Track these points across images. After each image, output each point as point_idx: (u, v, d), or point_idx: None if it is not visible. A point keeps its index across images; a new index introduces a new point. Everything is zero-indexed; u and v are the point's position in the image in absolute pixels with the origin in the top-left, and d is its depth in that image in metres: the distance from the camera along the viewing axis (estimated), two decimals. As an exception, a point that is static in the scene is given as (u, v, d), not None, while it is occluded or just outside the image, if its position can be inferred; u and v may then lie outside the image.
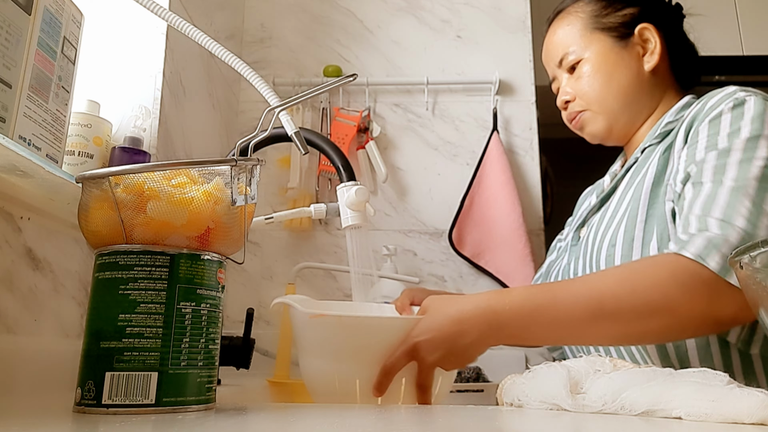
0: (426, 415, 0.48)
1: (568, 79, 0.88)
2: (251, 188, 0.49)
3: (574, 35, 0.87)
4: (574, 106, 0.87)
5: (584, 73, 0.85)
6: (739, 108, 0.69)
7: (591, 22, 0.86)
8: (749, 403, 0.38)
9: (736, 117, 0.68)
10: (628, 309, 0.60)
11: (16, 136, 0.61)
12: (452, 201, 1.47)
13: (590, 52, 0.85)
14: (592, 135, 0.88)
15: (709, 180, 0.65)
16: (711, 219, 0.62)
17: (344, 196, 0.78)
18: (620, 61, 0.84)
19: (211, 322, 0.46)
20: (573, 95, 0.87)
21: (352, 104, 1.56)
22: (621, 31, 0.85)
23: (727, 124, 0.68)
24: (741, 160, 0.64)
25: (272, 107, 0.57)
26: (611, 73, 0.84)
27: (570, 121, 0.89)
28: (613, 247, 0.74)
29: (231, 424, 0.39)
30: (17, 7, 0.61)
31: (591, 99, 0.85)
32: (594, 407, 0.45)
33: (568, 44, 0.87)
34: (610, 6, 0.87)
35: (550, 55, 0.91)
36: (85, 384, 0.43)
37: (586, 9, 0.88)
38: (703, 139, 0.69)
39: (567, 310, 0.60)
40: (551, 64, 0.91)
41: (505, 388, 0.54)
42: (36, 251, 0.71)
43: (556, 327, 0.62)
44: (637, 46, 0.85)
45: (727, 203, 0.62)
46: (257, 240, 1.47)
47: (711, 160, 0.66)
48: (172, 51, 1.05)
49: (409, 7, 1.62)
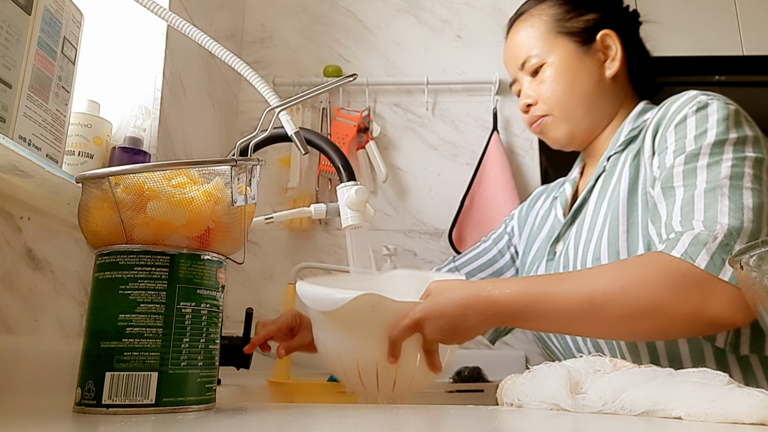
0: (426, 415, 0.48)
1: (531, 82, 0.88)
2: (251, 188, 0.49)
3: (537, 38, 0.87)
4: (535, 109, 0.87)
5: (547, 78, 0.85)
6: (702, 111, 0.70)
7: (554, 25, 0.86)
8: (749, 403, 0.38)
9: (700, 120, 0.70)
10: (617, 307, 0.62)
11: (16, 136, 0.61)
12: (452, 201, 1.47)
13: (553, 57, 0.85)
14: (554, 140, 0.88)
15: (681, 185, 0.67)
16: (695, 222, 0.63)
17: (344, 196, 0.78)
18: (583, 66, 0.84)
19: (211, 322, 0.46)
20: (535, 99, 0.87)
21: (352, 104, 1.56)
22: (583, 36, 0.85)
23: (693, 127, 0.70)
24: (710, 163, 0.66)
25: (272, 107, 0.57)
26: (574, 78, 0.84)
27: (531, 125, 0.89)
28: (598, 260, 0.74)
29: (231, 424, 0.39)
30: (17, 7, 0.61)
31: (553, 103, 0.85)
32: (594, 407, 0.45)
33: (530, 47, 0.87)
34: (573, 11, 0.87)
35: (512, 57, 0.90)
36: (85, 384, 0.43)
37: (549, 12, 0.87)
38: (671, 144, 0.71)
39: (559, 304, 0.64)
40: (513, 66, 0.90)
41: (505, 388, 0.54)
42: (36, 251, 0.71)
43: (549, 319, 0.65)
44: (599, 52, 0.85)
45: (706, 205, 0.63)
46: (257, 240, 1.47)
47: (680, 164, 0.68)
48: (172, 51, 1.05)
49: (409, 7, 1.62)
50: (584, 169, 0.94)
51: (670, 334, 0.66)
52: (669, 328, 0.63)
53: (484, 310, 0.65)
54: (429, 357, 0.67)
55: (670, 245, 0.62)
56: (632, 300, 0.61)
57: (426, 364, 0.67)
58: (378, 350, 0.65)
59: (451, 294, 0.66)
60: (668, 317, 0.61)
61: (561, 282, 0.66)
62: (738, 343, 0.68)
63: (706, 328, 0.63)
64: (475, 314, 0.65)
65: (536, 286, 0.65)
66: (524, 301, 0.65)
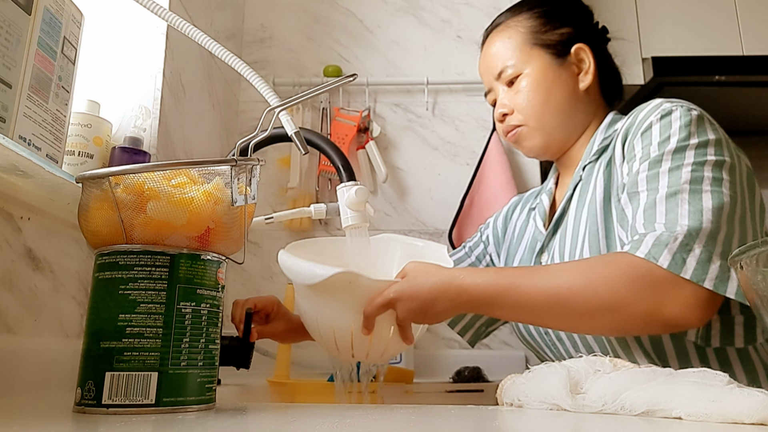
0: (426, 415, 0.48)
1: (507, 92, 0.89)
2: (251, 188, 0.49)
3: (514, 49, 0.88)
4: (511, 119, 0.89)
5: (523, 88, 0.87)
6: (666, 118, 0.73)
7: (531, 37, 0.88)
8: (749, 403, 0.38)
9: (664, 127, 0.72)
10: (580, 302, 0.65)
11: (16, 136, 0.61)
12: (452, 201, 1.47)
13: (530, 68, 0.87)
14: (528, 149, 0.90)
15: (644, 189, 0.69)
16: (657, 224, 0.65)
17: (344, 196, 0.78)
18: (558, 78, 0.86)
19: (211, 322, 0.46)
20: (510, 108, 0.88)
21: (352, 104, 1.56)
22: (558, 49, 0.87)
23: (657, 134, 0.72)
24: (671, 168, 0.69)
25: (272, 107, 0.57)
26: (549, 89, 0.86)
27: (506, 134, 0.91)
28: None
29: (231, 424, 0.39)
30: (17, 7, 0.61)
31: (529, 114, 0.86)
32: (594, 407, 0.45)
33: (507, 57, 0.89)
34: (548, 24, 0.89)
35: (488, 67, 0.92)
36: (85, 384, 0.43)
37: (525, 24, 0.89)
38: (638, 151, 0.73)
39: (526, 297, 0.67)
40: (489, 75, 0.92)
41: (505, 388, 0.54)
42: (36, 251, 0.71)
43: (516, 310, 0.69)
44: (573, 65, 0.88)
45: (667, 208, 0.66)
46: (257, 240, 1.47)
47: (644, 170, 0.71)
48: (172, 51, 1.05)
49: (409, 7, 1.62)
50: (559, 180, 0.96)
51: (629, 331, 0.69)
52: (627, 326, 0.66)
53: (454, 297, 0.69)
54: (402, 330, 0.71)
55: (635, 246, 0.65)
56: (594, 297, 0.64)
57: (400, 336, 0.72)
58: (353, 322, 0.69)
59: (425, 278, 0.69)
60: (627, 315, 0.64)
61: (529, 275, 0.69)
62: (708, 336, 0.70)
63: (663, 327, 0.66)
64: (446, 300, 0.69)
65: (505, 278, 0.69)
66: (492, 291, 0.68)
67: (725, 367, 0.71)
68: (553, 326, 0.75)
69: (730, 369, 0.71)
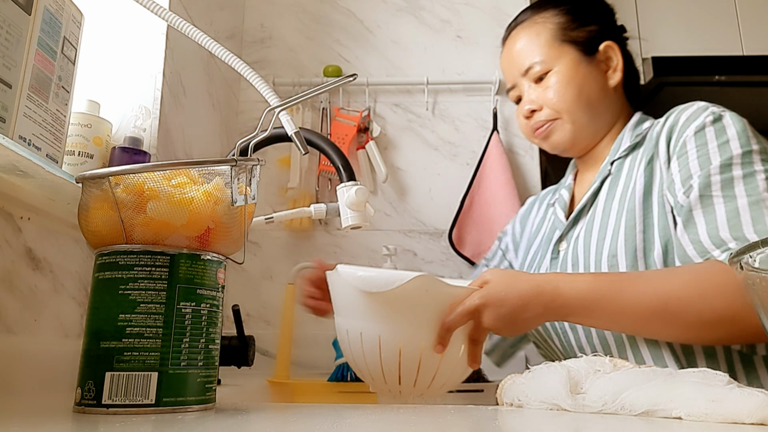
0: (426, 415, 0.48)
1: (534, 88, 0.89)
2: (251, 188, 0.49)
3: (542, 45, 0.88)
4: (540, 115, 0.88)
5: (553, 84, 0.86)
6: (719, 122, 0.73)
7: (560, 33, 0.88)
8: (749, 403, 0.38)
9: (719, 131, 0.72)
10: (692, 313, 0.63)
11: (16, 136, 0.61)
12: (452, 201, 1.47)
13: (560, 64, 0.86)
14: (556, 145, 0.90)
15: (719, 194, 0.69)
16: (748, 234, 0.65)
17: (344, 196, 0.78)
18: (589, 74, 0.87)
19: (211, 322, 0.46)
20: (540, 105, 0.88)
21: (352, 104, 1.56)
22: (587, 46, 0.87)
23: (713, 137, 0.72)
24: (744, 175, 0.69)
25: (272, 107, 0.57)
26: (581, 85, 0.86)
27: (535, 130, 0.90)
28: (614, 257, 0.76)
29: (231, 424, 0.39)
30: (17, 7, 0.61)
31: (561, 109, 0.86)
32: (594, 407, 0.45)
33: (535, 54, 0.88)
34: (576, 20, 0.88)
35: (514, 63, 0.91)
36: (85, 384, 0.43)
37: (554, 20, 0.89)
38: (692, 150, 0.73)
39: (631, 305, 0.64)
40: (514, 72, 0.91)
41: (505, 388, 0.54)
42: (36, 251, 0.71)
43: (616, 317, 0.66)
44: (601, 63, 0.88)
45: (753, 218, 0.65)
46: (257, 240, 1.47)
47: (716, 173, 0.70)
48: (172, 51, 1.05)
49: (409, 7, 1.62)
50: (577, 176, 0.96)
51: (737, 341, 0.68)
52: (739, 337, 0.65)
53: (548, 302, 0.65)
54: (474, 347, 0.66)
55: None
56: (708, 308, 0.62)
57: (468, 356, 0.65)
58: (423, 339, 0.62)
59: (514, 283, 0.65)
60: (740, 327, 0.62)
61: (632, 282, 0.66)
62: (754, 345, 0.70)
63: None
64: (538, 305, 0.64)
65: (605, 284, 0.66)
66: (592, 297, 0.64)
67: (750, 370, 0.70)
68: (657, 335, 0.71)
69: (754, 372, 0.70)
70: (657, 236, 0.73)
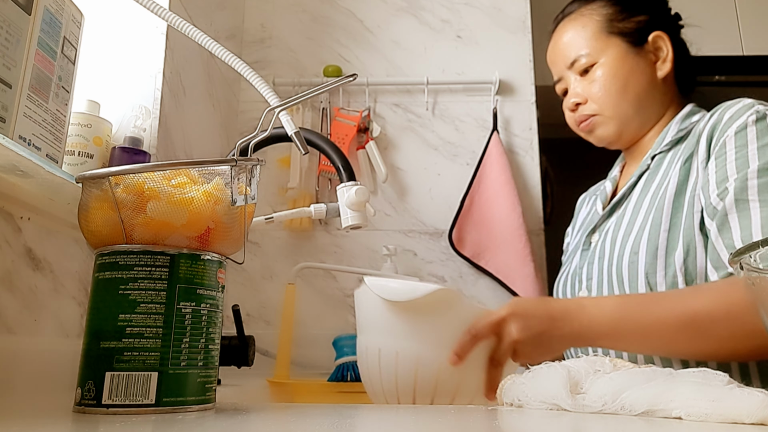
0: (426, 415, 0.48)
1: (580, 81, 0.87)
2: (251, 188, 0.49)
3: (589, 38, 0.86)
4: (585, 108, 0.87)
5: (598, 77, 0.85)
6: (762, 122, 0.70)
7: (606, 25, 0.86)
8: (749, 403, 0.38)
9: (761, 131, 0.70)
10: (722, 328, 0.61)
11: (16, 136, 0.61)
12: (452, 201, 1.47)
13: (606, 57, 0.85)
14: (601, 138, 0.88)
15: (756, 199, 0.66)
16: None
17: (344, 196, 0.78)
18: (636, 66, 0.85)
19: (211, 322, 0.46)
20: (584, 98, 0.87)
21: (352, 104, 1.56)
22: (635, 37, 0.85)
23: (754, 137, 0.70)
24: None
25: (272, 107, 0.57)
26: (627, 78, 0.84)
27: (579, 124, 0.89)
28: (636, 254, 0.75)
29: (231, 424, 0.39)
30: (17, 7, 0.61)
31: (605, 103, 0.85)
32: (594, 407, 0.45)
33: (581, 46, 0.87)
34: (624, 11, 0.87)
35: (560, 56, 0.90)
36: (85, 384, 0.43)
37: (601, 12, 0.87)
38: (731, 151, 0.71)
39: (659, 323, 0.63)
40: (560, 65, 0.90)
41: (505, 388, 0.54)
42: (36, 251, 0.71)
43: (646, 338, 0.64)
44: (650, 54, 0.86)
45: None
46: (257, 240, 1.47)
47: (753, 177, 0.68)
48: (172, 51, 1.05)
49: (409, 7, 1.62)
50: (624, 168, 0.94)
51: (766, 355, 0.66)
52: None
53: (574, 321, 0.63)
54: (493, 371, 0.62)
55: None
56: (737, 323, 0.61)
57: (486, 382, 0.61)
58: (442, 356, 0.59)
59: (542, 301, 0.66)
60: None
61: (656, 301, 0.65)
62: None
63: None
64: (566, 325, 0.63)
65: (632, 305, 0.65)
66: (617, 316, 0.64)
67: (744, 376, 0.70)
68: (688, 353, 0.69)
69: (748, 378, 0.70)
70: (681, 236, 0.72)
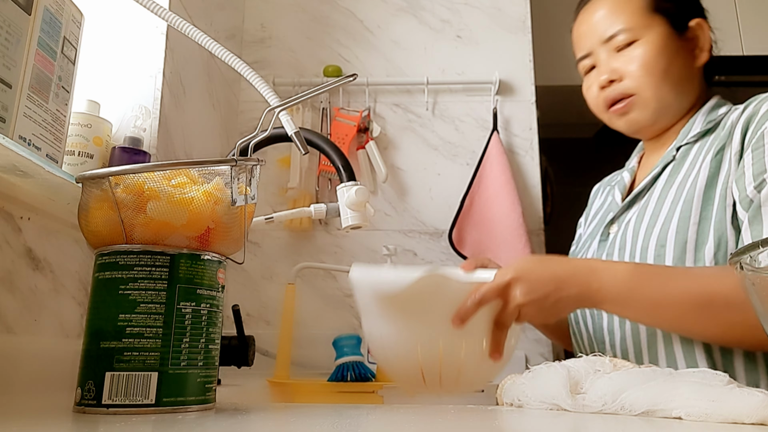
0: (426, 415, 0.48)
1: (615, 57, 0.82)
2: (251, 188, 0.49)
3: (632, 13, 0.81)
4: (619, 86, 0.82)
5: (640, 55, 0.80)
6: None
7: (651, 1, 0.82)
8: (749, 403, 0.38)
9: None
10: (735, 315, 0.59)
11: (16, 136, 0.61)
12: (452, 201, 1.47)
13: (650, 35, 0.80)
14: (634, 122, 0.83)
15: None
16: None
17: (344, 196, 0.78)
18: (679, 50, 0.81)
19: (211, 322, 0.46)
20: (620, 75, 0.81)
21: (352, 104, 1.56)
22: (678, 20, 0.82)
23: None
24: None
25: (272, 107, 0.57)
26: (671, 60, 0.80)
27: (610, 105, 0.83)
28: (662, 247, 0.72)
29: (231, 424, 0.39)
30: (17, 7, 0.61)
31: (646, 83, 0.80)
32: (594, 407, 0.45)
33: (623, 20, 0.81)
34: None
35: (594, 30, 0.84)
36: (85, 384, 0.43)
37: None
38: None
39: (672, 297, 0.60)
40: (593, 38, 0.85)
41: (505, 388, 0.54)
42: (36, 251, 0.71)
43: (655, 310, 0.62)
44: (691, 40, 0.83)
45: None
46: (257, 240, 1.47)
47: None
48: (172, 51, 1.05)
49: (409, 7, 1.62)
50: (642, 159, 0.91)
51: None
52: None
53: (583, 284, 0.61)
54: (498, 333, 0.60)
55: None
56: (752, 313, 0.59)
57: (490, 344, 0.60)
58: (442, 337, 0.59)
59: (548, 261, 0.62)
60: None
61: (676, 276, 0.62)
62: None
63: None
64: (573, 286, 0.61)
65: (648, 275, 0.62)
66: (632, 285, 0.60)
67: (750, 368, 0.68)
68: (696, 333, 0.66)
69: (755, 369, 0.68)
70: (712, 230, 0.69)
